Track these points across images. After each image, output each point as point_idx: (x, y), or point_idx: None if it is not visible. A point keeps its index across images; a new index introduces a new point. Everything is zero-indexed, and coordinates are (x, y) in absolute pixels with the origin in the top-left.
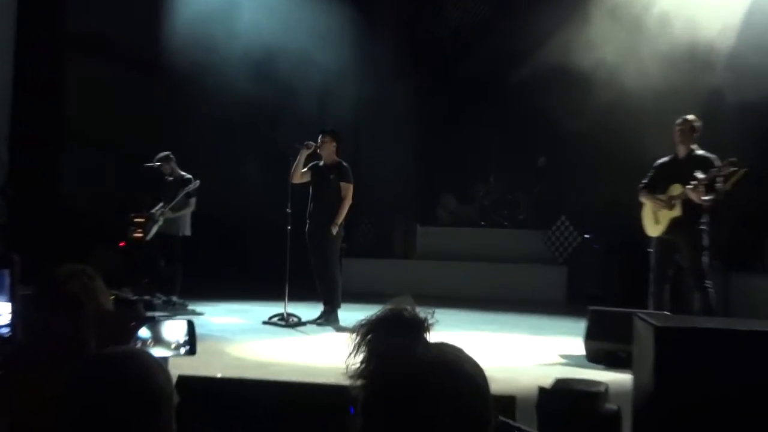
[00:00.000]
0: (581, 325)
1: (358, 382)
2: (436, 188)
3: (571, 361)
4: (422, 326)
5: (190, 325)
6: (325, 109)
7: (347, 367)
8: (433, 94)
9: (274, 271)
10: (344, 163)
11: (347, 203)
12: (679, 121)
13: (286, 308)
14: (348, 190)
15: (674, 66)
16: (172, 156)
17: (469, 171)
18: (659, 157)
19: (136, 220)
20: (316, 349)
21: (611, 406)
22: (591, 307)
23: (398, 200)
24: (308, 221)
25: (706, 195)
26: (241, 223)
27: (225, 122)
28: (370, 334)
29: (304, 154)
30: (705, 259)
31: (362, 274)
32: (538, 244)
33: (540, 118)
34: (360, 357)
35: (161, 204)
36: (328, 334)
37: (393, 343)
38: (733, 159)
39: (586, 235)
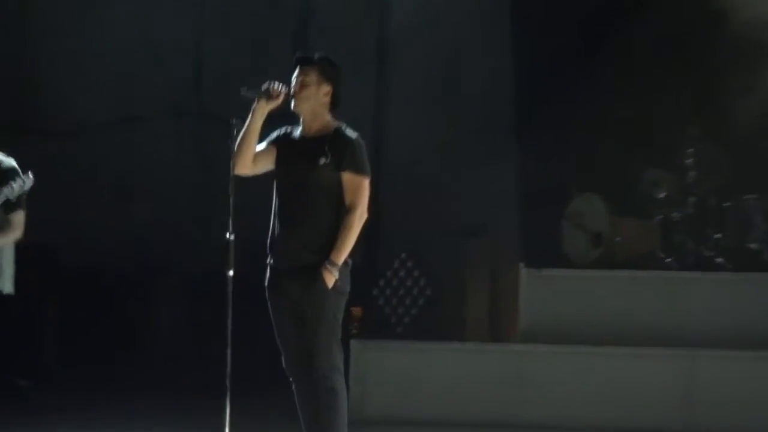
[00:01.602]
0: None
1: None
2: (561, 186)
3: None
4: None
5: None
6: (312, 26)
7: None
8: None
9: (201, 369)
10: (349, 132)
11: (358, 219)
12: None
13: None
14: (359, 189)
15: None
16: None
17: (635, 144)
18: None
19: None
20: None
21: None
22: None
23: (476, 216)
24: (271, 260)
25: None
26: (127, 266)
27: (98, 51)
28: None
29: (262, 110)
30: None
31: (399, 376)
32: None
33: None
34: None
35: None
36: None
37: None
38: None
39: None
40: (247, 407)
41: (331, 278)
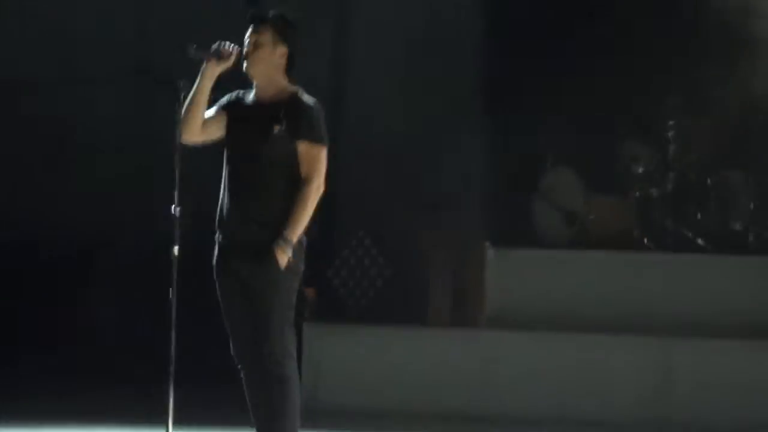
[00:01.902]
0: None
1: None
2: (533, 161)
3: None
4: None
5: None
6: None
7: None
8: None
9: (144, 356)
10: (306, 98)
11: (314, 192)
12: None
13: None
14: (315, 160)
15: None
16: None
17: (612, 117)
18: None
19: None
20: None
21: None
22: None
23: (440, 192)
24: (219, 237)
25: None
26: (62, 240)
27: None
28: None
29: (211, 72)
30: None
31: (355, 362)
32: None
33: None
34: None
35: None
36: None
37: None
38: None
39: None
40: (193, 396)
41: (283, 257)
